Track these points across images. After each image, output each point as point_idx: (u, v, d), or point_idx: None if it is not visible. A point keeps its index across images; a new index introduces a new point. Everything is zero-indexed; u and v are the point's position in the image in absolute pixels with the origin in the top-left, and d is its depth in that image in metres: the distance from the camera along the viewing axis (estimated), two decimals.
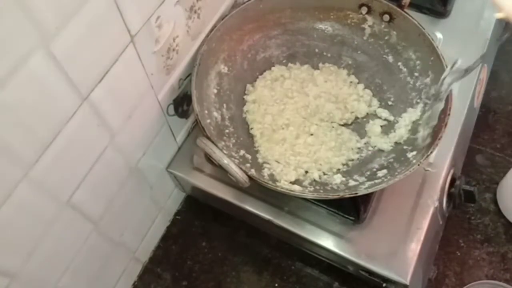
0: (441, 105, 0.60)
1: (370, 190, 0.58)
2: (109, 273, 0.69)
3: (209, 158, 0.59)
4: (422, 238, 0.63)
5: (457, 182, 0.69)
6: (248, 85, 0.72)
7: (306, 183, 0.64)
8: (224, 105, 0.69)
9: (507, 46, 0.98)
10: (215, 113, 0.67)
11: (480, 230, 0.79)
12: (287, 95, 0.72)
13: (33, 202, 0.46)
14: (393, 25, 0.70)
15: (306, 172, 0.65)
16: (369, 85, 0.73)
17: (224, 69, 0.70)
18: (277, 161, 0.66)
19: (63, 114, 0.46)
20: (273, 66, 0.74)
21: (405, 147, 0.65)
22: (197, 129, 0.74)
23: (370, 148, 0.68)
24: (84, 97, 0.47)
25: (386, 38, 0.72)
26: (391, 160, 0.64)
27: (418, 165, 0.57)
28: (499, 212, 0.81)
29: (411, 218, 0.64)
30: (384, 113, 0.70)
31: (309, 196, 0.60)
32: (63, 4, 0.40)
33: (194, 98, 0.62)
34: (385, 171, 0.62)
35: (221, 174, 0.62)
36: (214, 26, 0.66)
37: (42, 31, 0.39)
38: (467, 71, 0.56)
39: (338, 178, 0.64)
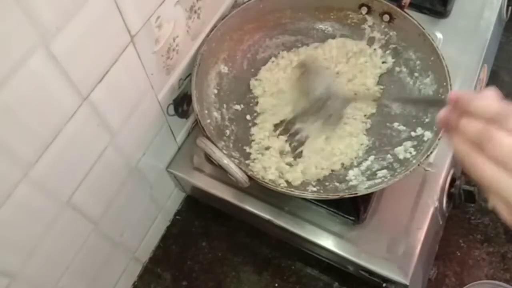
0: None
1: (370, 190, 0.58)
2: (109, 273, 0.69)
3: (209, 158, 0.59)
4: (422, 238, 0.63)
5: (457, 182, 0.69)
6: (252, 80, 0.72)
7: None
8: (224, 105, 0.69)
9: (507, 46, 0.97)
10: (215, 113, 0.67)
11: (480, 230, 0.79)
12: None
13: (33, 202, 0.46)
14: (393, 25, 0.70)
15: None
16: None
17: (224, 69, 0.70)
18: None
19: (63, 114, 0.46)
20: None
21: None
22: (197, 129, 0.74)
23: None
24: (84, 97, 0.47)
25: (386, 38, 0.72)
26: (391, 160, 0.64)
27: (418, 165, 0.57)
28: None
29: (411, 218, 0.64)
30: None
31: (309, 196, 0.60)
32: (63, 4, 0.40)
33: (194, 98, 0.62)
34: (385, 171, 0.62)
35: (221, 174, 0.62)
36: (214, 26, 0.66)
37: (42, 31, 0.39)
38: None
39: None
